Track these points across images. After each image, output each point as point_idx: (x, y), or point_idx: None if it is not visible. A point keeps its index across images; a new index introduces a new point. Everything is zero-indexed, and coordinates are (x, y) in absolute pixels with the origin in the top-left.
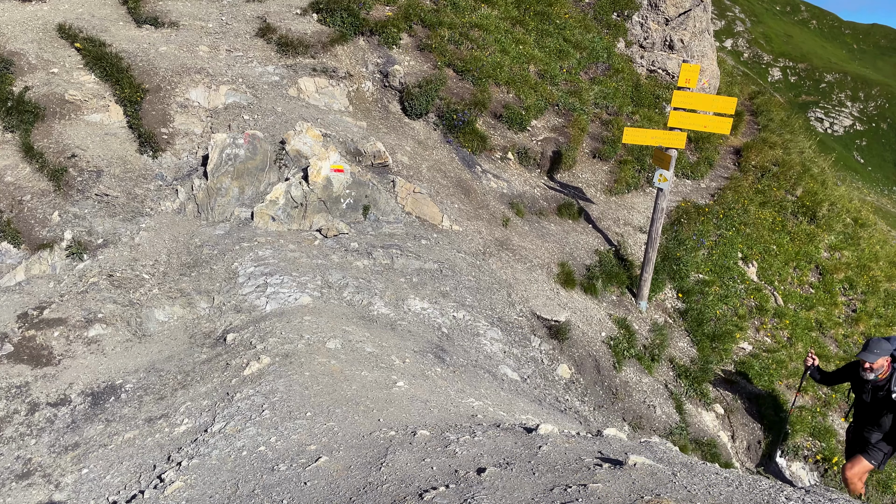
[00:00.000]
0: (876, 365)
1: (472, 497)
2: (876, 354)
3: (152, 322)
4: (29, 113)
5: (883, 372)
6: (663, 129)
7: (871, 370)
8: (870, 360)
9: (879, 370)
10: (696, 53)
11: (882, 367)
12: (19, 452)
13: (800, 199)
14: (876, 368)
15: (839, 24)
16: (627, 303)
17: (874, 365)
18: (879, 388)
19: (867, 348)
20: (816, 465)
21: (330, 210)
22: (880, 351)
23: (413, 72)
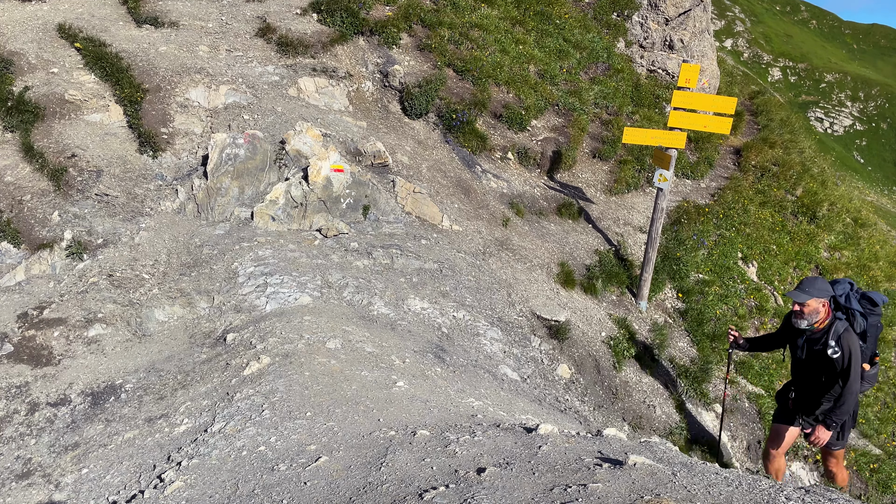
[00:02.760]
0: (808, 309)
1: (472, 497)
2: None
3: (152, 322)
4: (29, 113)
5: (820, 320)
6: (663, 129)
7: (803, 316)
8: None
9: (814, 316)
10: (696, 53)
11: (817, 312)
12: (19, 452)
13: (800, 199)
14: (809, 314)
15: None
16: (627, 303)
17: (806, 309)
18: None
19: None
20: (816, 465)
21: (330, 210)
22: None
23: (413, 72)
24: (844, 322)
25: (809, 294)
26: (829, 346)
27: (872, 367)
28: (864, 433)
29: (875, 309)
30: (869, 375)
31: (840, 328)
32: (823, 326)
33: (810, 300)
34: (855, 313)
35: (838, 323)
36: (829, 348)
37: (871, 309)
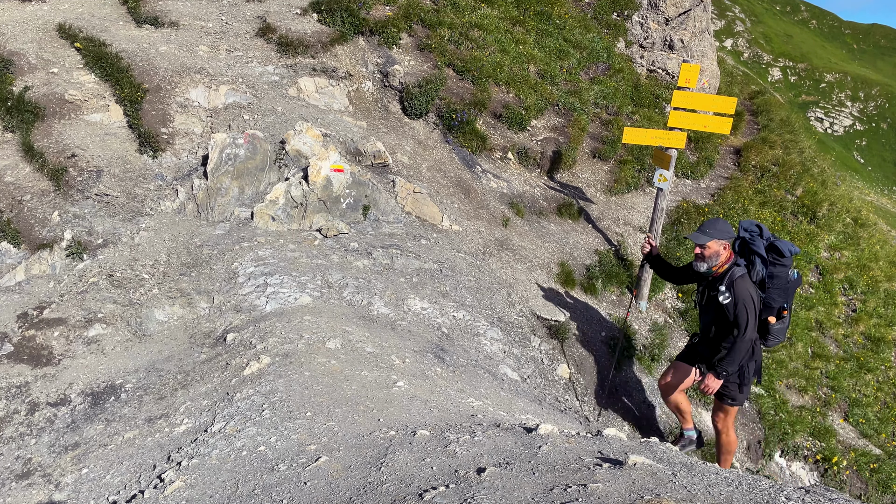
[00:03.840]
0: (708, 251)
1: (471, 497)
2: (708, 235)
3: (152, 322)
4: (29, 113)
5: (719, 264)
6: (663, 129)
7: (703, 258)
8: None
9: (714, 259)
10: (696, 53)
11: (717, 255)
12: (19, 452)
13: (800, 199)
14: (709, 256)
15: (839, 24)
16: (627, 303)
17: (706, 251)
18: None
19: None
20: (816, 465)
21: (330, 210)
22: (714, 232)
23: (413, 72)
24: (742, 269)
25: (710, 235)
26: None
27: (779, 321)
28: (864, 433)
29: (781, 259)
30: (776, 329)
31: (736, 274)
32: (722, 271)
33: (710, 242)
34: (755, 260)
35: (735, 269)
36: (720, 294)
37: (776, 258)
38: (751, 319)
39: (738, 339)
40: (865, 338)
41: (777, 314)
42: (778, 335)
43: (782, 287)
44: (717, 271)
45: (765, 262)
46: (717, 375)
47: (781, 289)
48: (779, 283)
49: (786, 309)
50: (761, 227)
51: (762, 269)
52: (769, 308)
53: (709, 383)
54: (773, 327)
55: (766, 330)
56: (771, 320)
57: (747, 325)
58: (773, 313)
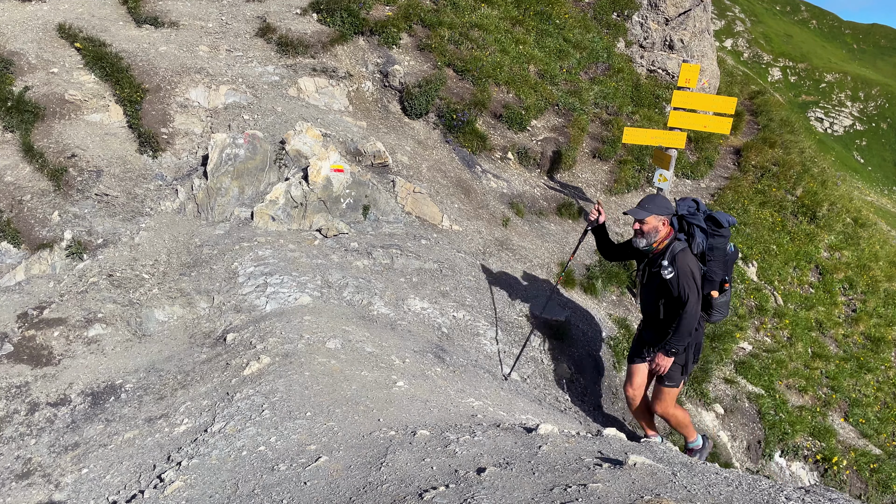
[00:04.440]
0: (647, 227)
1: (471, 497)
2: (646, 210)
3: (152, 322)
4: (29, 113)
5: (659, 240)
6: (663, 129)
7: (642, 234)
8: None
9: (653, 235)
10: (696, 53)
11: (657, 230)
12: (19, 452)
13: (800, 199)
14: (648, 232)
15: (839, 24)
16: (627, 303)
17: (645, 227)
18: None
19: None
20: (816, 465)
21: (330, 210)
22: (653, 207)
23: (413, 72)
24: (683, 243)
25: (648, 211)
26: (663, 266)
27: (722, 294)
28: (864, 433)
29: (720, 230)
30: (719, 304)
31: (677, 248)
32: (662, 247)
33: (649, 217)
34: (695, 232)
35: (676, 243)
36: (663, 269)
37: (715, 230)
38: (694, 292)
39: (684, 314)
40: (865, 338)
41: (719, 288)
42: (721, 309)
43: (722, 259)
44: (658, 247)
45: (705, 234)
46: (667, 353)
47: (721, 261)
48: (719, 256)
49: (727, 282)
50: (698, 202)
51: (703, 240)
52: (711, 282)
53: (660, 362)
54: (715, 301)
55: (710, 304)
56: (714, 294)
57: (692, 299)
58: (715, 287)
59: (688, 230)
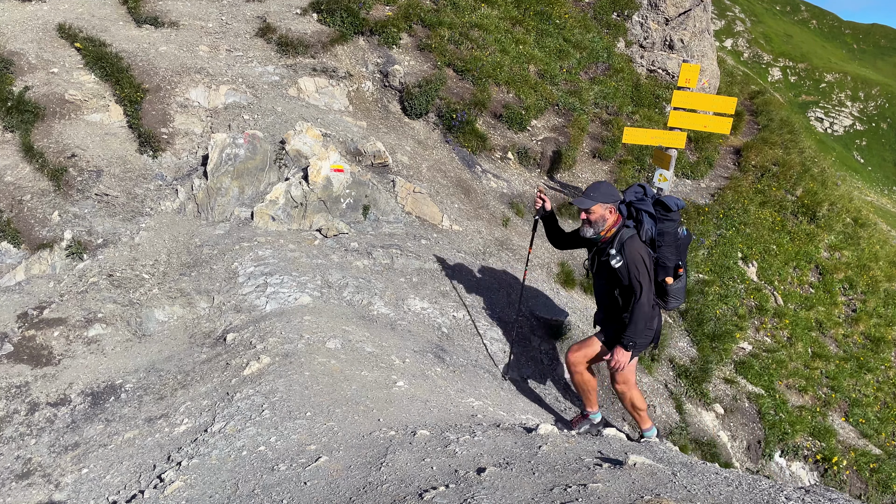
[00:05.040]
0: (594, 216)
1: (471, 497)
2: (592, 199)
3: (152, 322)
4: (29, 113)
5: (606, 228)
6: (663, 129)
7: (589, 223)
8: (583, 205)
9: (600, 224)
10: (696, 53)
11: (604, 219)
12: (19, 452)
13: (800, 199)
14: (595, 221)
15: (839, 24)
16: None
17: (591, 216)
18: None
19: (584, 192)
20: (816, 465)
21: (330, 210)
22: (598, 195)
23: (413, 72)
24: (631, 230)
25: (594, 199)
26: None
27: (677, 280)
28: (864, 433)
29: (669, 214)
30: (674, 290)
31: (625, 235)
32: (610, 235)
33: (595, 206)
34: (643, 218)
35: (624, 231)
36: (611, 258)
37: (663, 214)
38: (645, 280)
39: (635, 304)
40: (865, 338)
41: (673, 274)
42: (677, 296)
43: (673, 244)
44: (606, 236)
45: (653, 219)
46: (626, 347)
47: (673, 246)
48: (669, 240)
49: (681, 267)
50: (645, 187)
51: (651, 226)
52: (664, 268)
53: (618, 357)
54: (670, 288)
55: (665, 291)
56: (668, 281)
57: (643, 287)
58: (668, 273)
59: (636, 216)
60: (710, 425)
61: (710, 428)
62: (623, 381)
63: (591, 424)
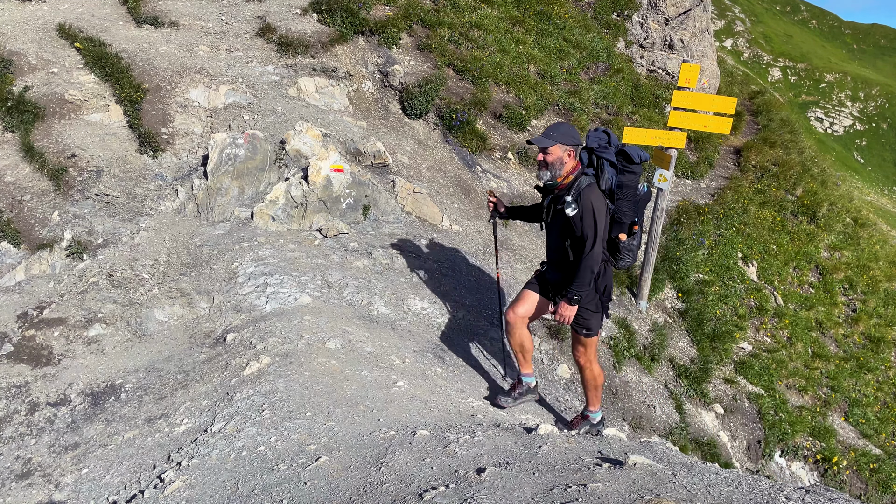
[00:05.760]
0: (551, 157)
1: (471, 497)
2: (551, 139)
3: (152, 322)
4: (29, 113)
5: (564, 174)
6: (663, 129)
7: (546, 166)
8: (541, 144)
9: (557, 167)
10: (696, 53)
11: (562, 162)
12: (19, 452)
13: (800, 199)
14: (552, 163)
15: (839, 24)
16: (627, 303)
17: (549, 157)
18: (559, 199)
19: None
20: (816, 465)
21: (330, 210)
22: (558, 135)
23: (413, 72)
24: (591, 178)
25: (553, 139)
26: (567, 202)
27: (631, 237)
28: (864, 433)
29: (631, 166)
30: (626, 247)
31: (583, 183)
32: (568, 182)
33: (553, 146)
34: (604, 166)
35: (583, 178)
36: (567, 206)
37: (625, 165)
38: (599, 231)
39: (585, 255)
40: (865, 338)
41: (628, 231)
42: (629, 254)
43: (632, 199)
44: (563, 182)
45: (615, 169)
46: (570, 301)
47: (631, 201)
48: (629, 194)
49: (636, 224)
50: (609, 135)
51: (612, 176)
52: (620, 224)
53: (563, 312)
54: (623, 245)
55: (617, 248)
56: (622, 237)
57: (595, 239)
58: (623, 229)
59: (597, 165)
60: (710, 425)
61: (710, 428)
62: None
63: (590, 425)
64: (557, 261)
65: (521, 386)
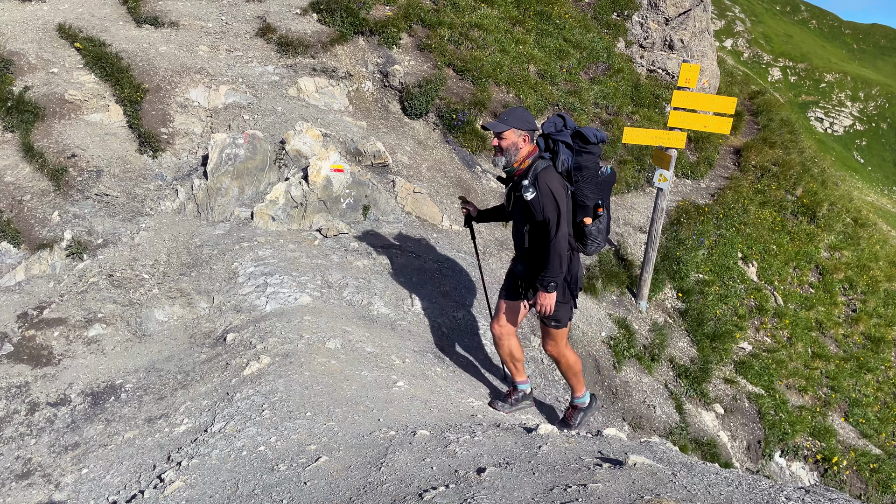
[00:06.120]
0: (506, 142)
1: (471, 497)
2: (505, 123)
3: (152, 322)
4: (29, 113)
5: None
6: (663, 129)
7: (501, 151)
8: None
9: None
10: (696, 53)
11: (517, 147)
12: (19, 452)
13: (800, 199)
14: (507, 148)
15: (839, 24)
16: (627, 303)
17: (503, 142)
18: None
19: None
20: (816, 465)
21: (330, 210)
22: (512, 120)
23: (413, 72)
24: (547, 161)
25: (507, 124)
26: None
27: (596, 220)
28: (864, 433)
29: (588, 147)
30: (593, 231)
31: (539, 167)
32: (525, 167)
33: (508, 131)
34: (560, 147)
35: (539, 162)
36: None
37: (582, 146)
38: (562, 211)
39: (551, 242)
40: (865, 338)
41: (593, 214)
42: (597, 238)
43: (593, 180)
44: (520, 168)
45: (572, 150)
46: (546, 289)
47: (593, 182)
48: (589, 176)
49: (601, 206)
50: (565, 118)
51: (568, 157)
52: (583, 208)
53: (542, 302)
54: (589, 229)
55: (583, 233)
56: (587, 221)
57: (558, 221)
58: (588, 213)
59: (553, 148)
60: (710, 425)
61: (710, 428)
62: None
63: (582, 411)
64: (522, 247)
65: (517, 393)
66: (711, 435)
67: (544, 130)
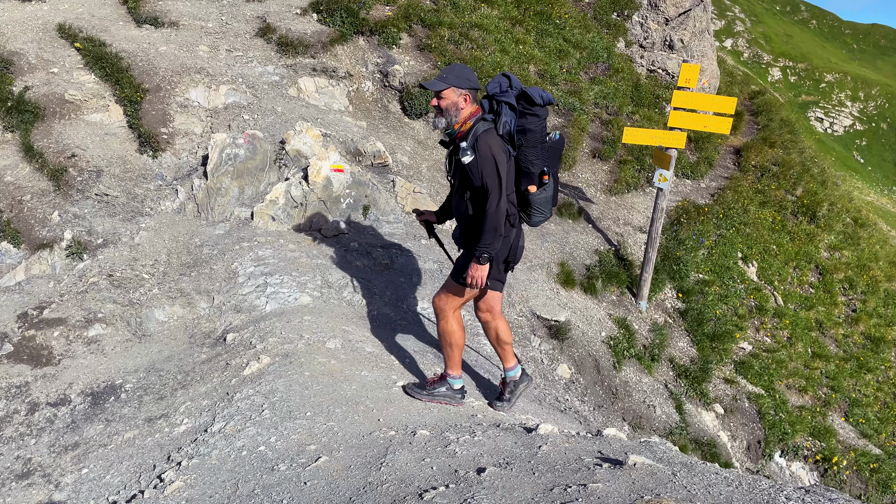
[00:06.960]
0: (445, 102)
1: (471, 497)
2: (444, 81)
3: (152, 322)
4: (29, 113)
5: (461, 119)
6: (663, 129)
7: (441, 111)
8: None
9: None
10: (696, 53)
11: (457, 108)
12: (19, 452)
13: (800, 199)
14: (447, 108)
15: (839, 24)
16: (627, 303)
17: (443, 102)
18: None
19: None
20: (816, 465)
21: (330, 210)
22: (451, 77)
23: (413, 72)
24: (489, 123)
25: (446, 82)
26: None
27: (542, 188)
28: (864, 433)
29: (533, 108)
30: (537, 200)
31: (480, 129)
32: (466, 129)
33: (447, 90)
34: (503, 108)
35: (480, 124)
36: (462, 154)
37: (526, 108)
38: (502, 176)
39: (489, 210)
40: (865, 338)
41: (538, 181)
42: (542, 208)
43: (538, 145)
44: (461, 130)
45: (514, 111)
46: (479, 261)
47: (538, 147)
48: (533, 140)
49: (547, 174)
50: (510, 78)
51: (511, 119)
52: (528, 175)
53: (473, 273)
54: (533, 197)
55: (527, 202)
56: (531, 189)
57: (500, 186)
58: (533, 181)
59: (496, 110)
60: (710, 425)
61: (710, 428)
62: (487, 308)
63: (449, 388)
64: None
65: (508, 384)
66: (711, 435)
67: (488, 91)
